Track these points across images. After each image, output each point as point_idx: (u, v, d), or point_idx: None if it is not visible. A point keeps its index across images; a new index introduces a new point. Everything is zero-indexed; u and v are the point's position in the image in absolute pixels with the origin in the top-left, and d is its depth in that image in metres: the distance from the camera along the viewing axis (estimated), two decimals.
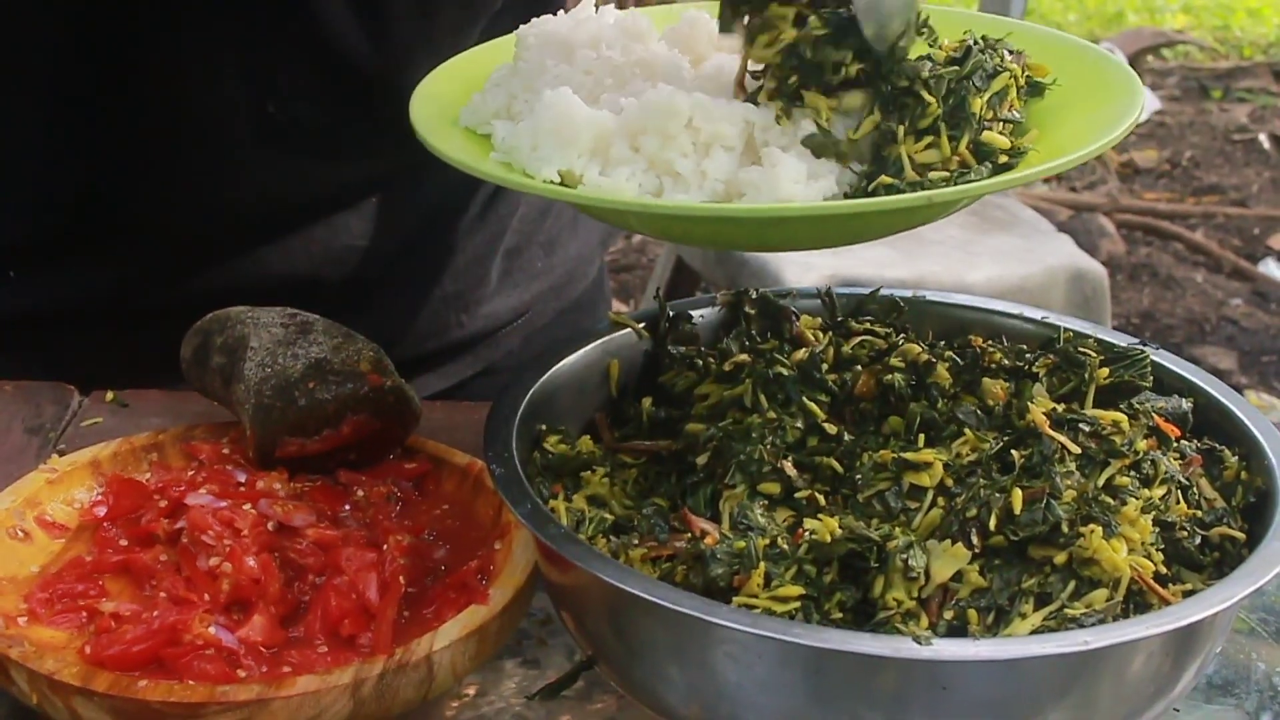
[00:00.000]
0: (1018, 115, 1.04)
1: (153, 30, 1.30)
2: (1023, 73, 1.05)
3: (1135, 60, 7.48)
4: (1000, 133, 1.01)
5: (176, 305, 1.26)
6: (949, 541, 0.92)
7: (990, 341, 1.11)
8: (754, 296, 1.17)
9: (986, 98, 1.02)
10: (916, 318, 1.18)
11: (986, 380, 1.04)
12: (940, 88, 1.00)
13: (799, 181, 0.97)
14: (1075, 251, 3.72)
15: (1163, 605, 0.91)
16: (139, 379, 1.36)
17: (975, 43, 1.03)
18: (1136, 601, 0.92)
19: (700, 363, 1.11)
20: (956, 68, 1.01)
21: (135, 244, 1.39)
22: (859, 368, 1.07)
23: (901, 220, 1.04)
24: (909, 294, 1.20)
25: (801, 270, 3.31)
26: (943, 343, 1.12)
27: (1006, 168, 1.00)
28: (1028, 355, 1.09)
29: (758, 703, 0.90)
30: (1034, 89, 1.07)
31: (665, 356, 1.15)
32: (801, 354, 1.08)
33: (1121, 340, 1.11)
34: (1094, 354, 1.07)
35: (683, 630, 0.90)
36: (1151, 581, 0.92)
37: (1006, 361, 1.07)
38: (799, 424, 1.02)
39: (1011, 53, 1.05)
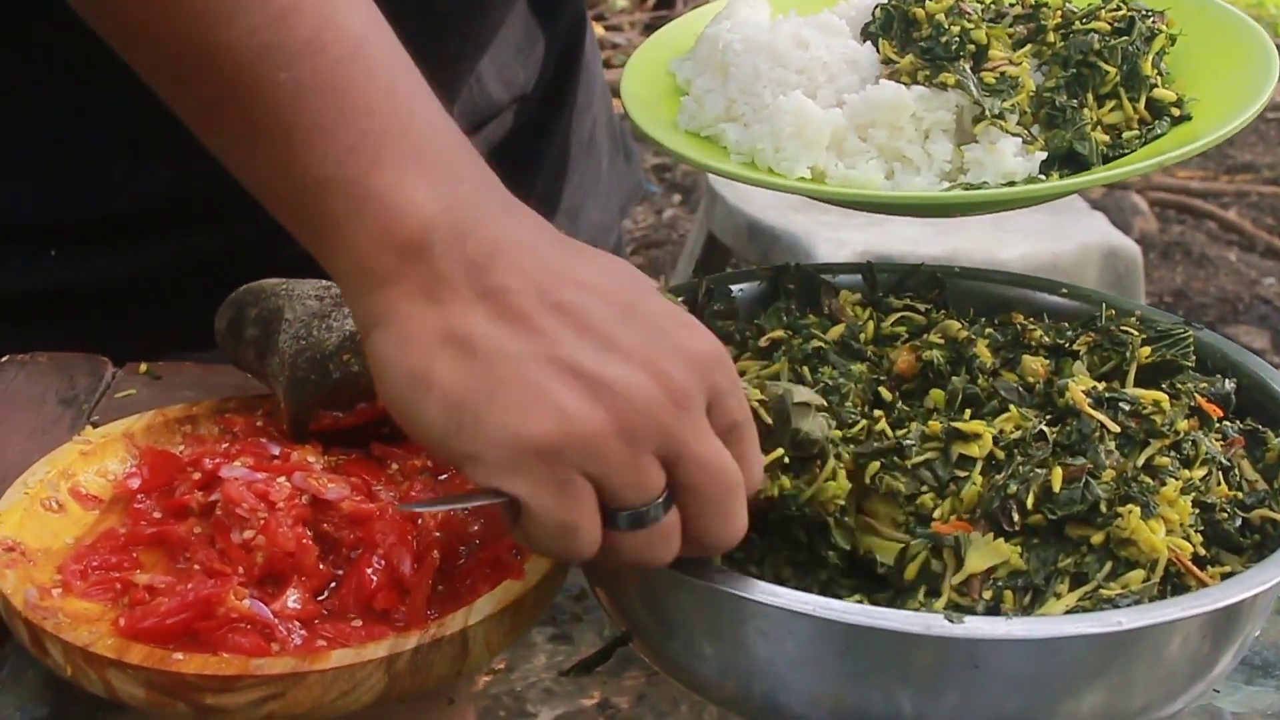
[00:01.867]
0: (1166, 70, 1.13)
1: None
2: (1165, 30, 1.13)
3: None
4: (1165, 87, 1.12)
5: (215, 283, 1.26)
6: (990, 535, 0.92)
7: (1030, 319, 1.11)
8: (794, 271, 1.16)
9: (1150, 58, 1.10)
10: (956, 295, 1.17)
11: (1026, 358, 1.04)
12: (1115, 57, 1.10)
13: (1018, 155, 1.06)
14: (1109, 229, 3.71)
15: (1200, 587, 0.91)
16: (173, 351, 1.36)
17: (1136, 12, 1.12)
18: (1174, 583, 0.92)
19: (739, 336, 1.11)
20: (1126, 37, 1.10)
21: (191, 230, 1.39)
22: (899, 344, 1.07)
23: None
24: (951, 269, 1.19)
25: (834, 246, 3.31)
26: (983, 320, 1.11)
27: (1181, 120, 1.10)
28: (1069, 333, 1.08)
29: (790, 679, 0.90)
30: (1171, 42, 1.15)
31: None
32: (839, 329, 1.07)
33: (1164, 319, 1.10)
34: (1136, 332, 1.06)
35: (715, 606, 0.90)
36: (1189, 563, 0.92)
37: (1047, 339, 1.07)
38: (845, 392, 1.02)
39: (1152, 13, 1.13)
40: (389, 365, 0.89)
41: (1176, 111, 1.10)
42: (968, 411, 1.00)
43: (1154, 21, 1.12)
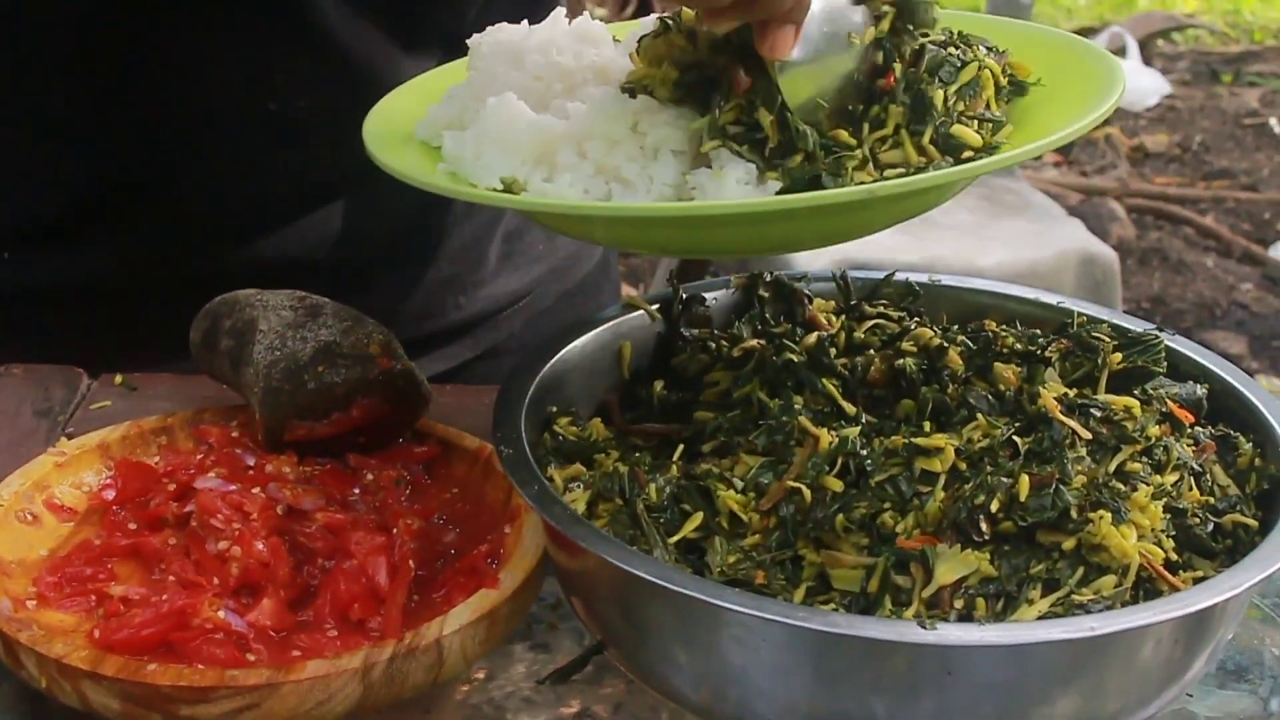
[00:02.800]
0: (998, 115, 1.03)
1: (153, 28, 1.30)
2: (1004, 71, 1.04)
3: (1145, 44, 7.47)
4: (978, 130, 1.00)
5: (175, 286, 1.26)
6: (958, 546, 0.92)
7: (1003, 326, 1.11)
8: (768, 279, 1.16)
9: (955, 89, 1.01)
10: (931, 302, 1.17)
11: (998, 365, 1.04)
12: (897, 89, 0.99)
13: (748, 183, 0.96)
14: (1086, 236, 3.72)
15: (1172, 592, 0.91)
16: (147, 362, 1.36)
17: (931, 38, 1.02)
18: (1147, 588, 0.92)
19: (713, 345, 1.11)
20: (914, 68, 1.01)
21: (134, 227, 1.39)
22: (871, 352, 1.07)
23: (848, 219, 1.01)
24: (924, 278, 1.20)
25: (811, 255, 3.31)
26: (955, 327, 1.12)
27: (974, 159, 0.99)
28: (1040, 340, 1.08)
29: (764, 687, 0.90)
30: (1018, 88, 1.05)
31: (678, 339, 1.15)
32: (812, 339, 1.07)
33: (1136, 325, 1.10)
34: (1107, 339, 1.07)
35: (690, 614, 0.90)
36: (1160, 568, 0.92)
37: (1019, 346, 1.07)
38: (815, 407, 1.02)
39: (990, 50, 1.04)
40: None
41: (969, 154, 0.99)
42: (928, 425, 1.00)
43: (993, 58, 1.03)
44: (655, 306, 1.17)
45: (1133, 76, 6.88)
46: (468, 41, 1.10)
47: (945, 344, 1.06)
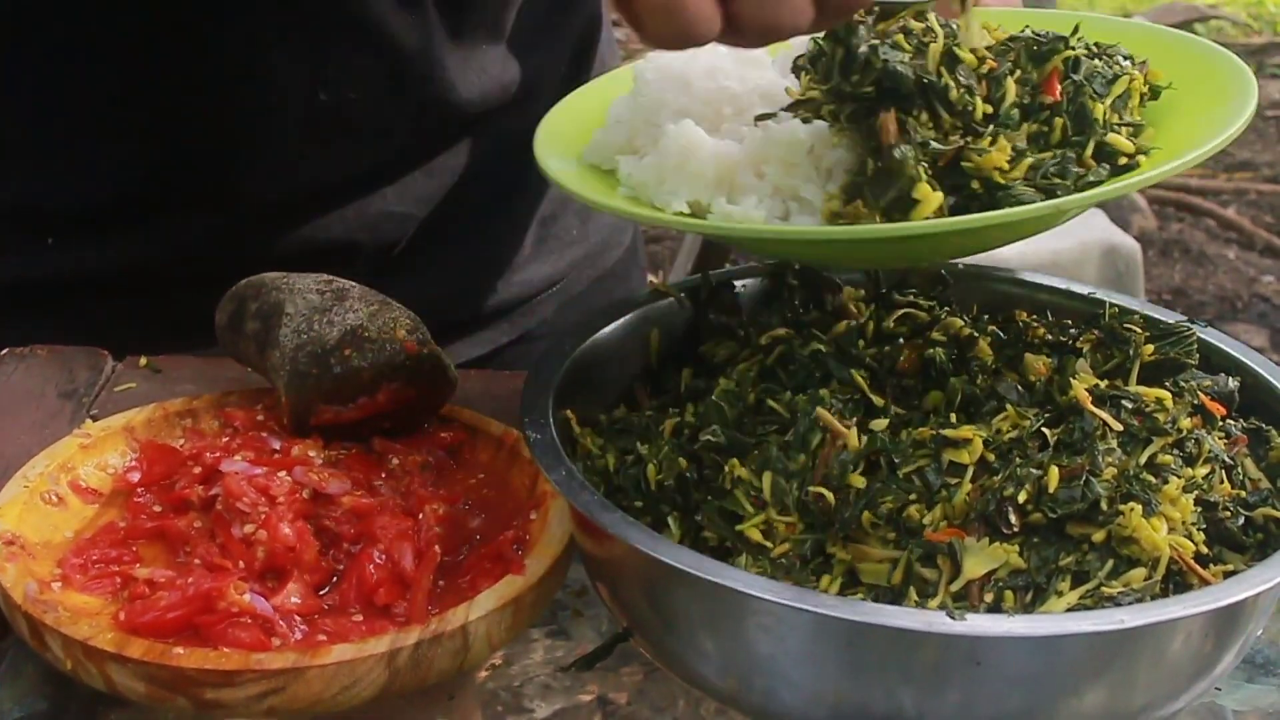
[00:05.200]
0: (1140, 120, 1.04)
1: (207, 18, 1.32)
2: (1144, 80, 1.06)
3: None
4: (1126, 137, 1.01)
5: (210, 273, 1.26)
6: (986, 539, 0.92)
7: (1034, 317, 1.10)
8: (797, 267, 1.16)
9: (1110, 102, 1.02)
10: (960, 292, 1.17)
11: (1029, 356, 1.03)
12: (1065, 104, 1.01)
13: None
14: (1108, 226, 3.70)
15: (1202, 585, 0.91)
16: (173, 344, 1.36)
17: (1102, 56, 1.05)
18: (1176, 582, 0.92)
19: (741, 333, 1.11)
20: (1072, 77, 1.02)
21: (179, 216, 1.40)
22: (900, 341, 1.06)
23: (1026, 229, 1.04)
24: (954, 267, 1.19)
25: None
26: (986, 317, 1.11)
27: (1127, 168, 1.00)
28: (1071, 330, 1.08)
29: (791, 676, 0.90)
30: (1153, 93, 1.07)
31: (706, 326, 1.15)
32: (841, 328, 1.07)
33: (1168, 317, 1.10)
34: (1139, 330, 1.06)
35: (717, 601, 0.90)
36: (1191, 561, 0.92)
37: (1050, 337, 1.07)
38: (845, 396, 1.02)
39: (1129, 59, 1.06)
40: None
41: (1124, 160, 1.01)
42: (953, 416, 0.99)
43: (1135, 68, 1.05)
44: (683, 293, 1.17)
45: None
46: (633, 67, 1.11)
47: (975, 334, 1.05)
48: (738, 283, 1.18)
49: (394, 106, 1.40)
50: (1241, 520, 0.96)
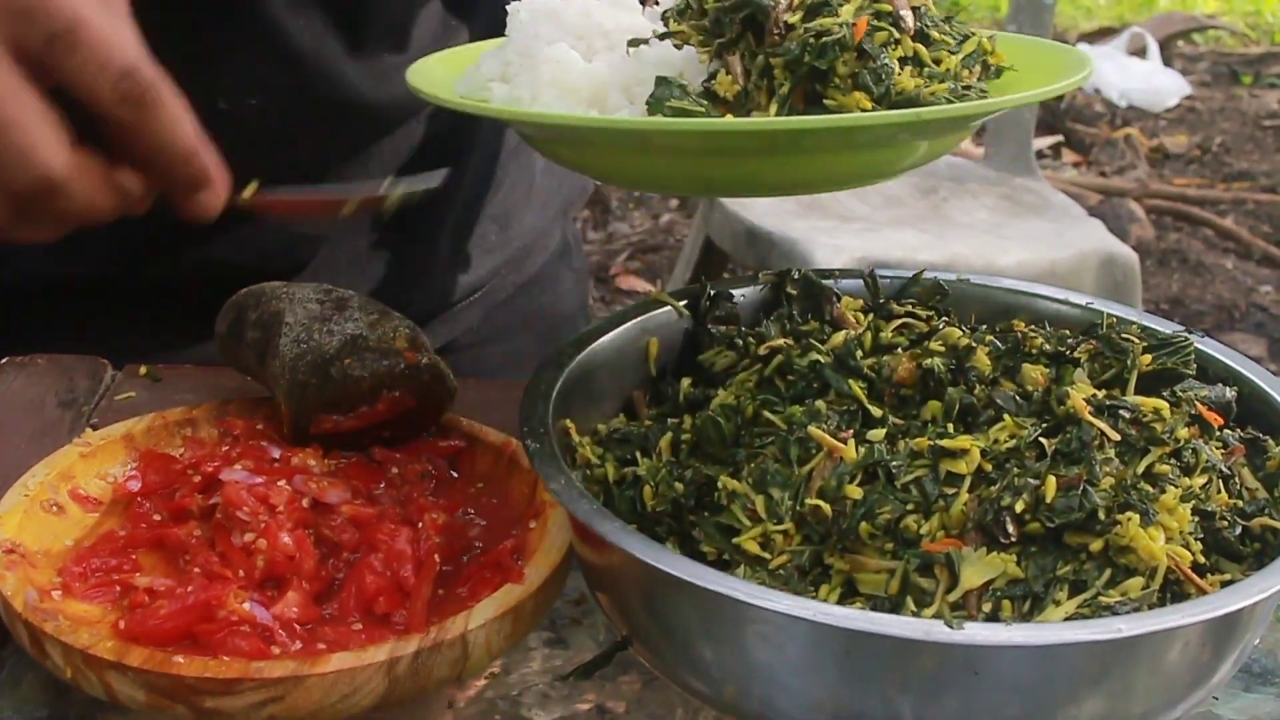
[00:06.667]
0: (984, 87, 1.09)
1: None
2: (990, 49, 1.11)
3: (1166, 45, 7.45)
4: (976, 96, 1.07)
5: (206, 281, 1.26)
6: (984, 549, 0.92)
7: (1032, 326, 1.11)
8: (796, 276, 1.16)
9: (961, 59, 1.08)
10: (958, 302, 1.17)
11: (1026, 365, 1.04)
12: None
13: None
14: (1106, 236, 3.70)
15: (1200, 595, 0.91)
16: (172, 354, 1.36)
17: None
18: (1174, 591, 0.92)
19: (740, 342, 1.11)
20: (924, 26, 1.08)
21: (122, 224, 1.39)
22: (899, 351, 1.06)
23: (879, 157, 1.07)
24: (952, 277, 1.19)
25: (831, 253, 3.30)
26: (984, 327, 1.11)
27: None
28: (1069, 340, 1.08)
29: (789, 684, 0.90)
30: (996, 73, 1.12)
31: (705, 335, 1.15)
32: (839, 338, 1.07)
33: (1165, 326, 1.10)
34: (1137, 340, 1.06)
35: (715, 610, 0.90)
36: (1189, 571, 0.92)
37: (1048, 347, 1.07)
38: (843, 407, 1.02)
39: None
40: None
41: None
42: (950, 425, 1.00)
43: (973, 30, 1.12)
44: (682, 303, 1.17)
45: (1153, 77, 6.87)
46: (507, 7, 1.14)
47: (973, 344, 1.06)
48: (736, 292, 1.18)
49: (298, 115, 1.39)
50: (1239, 530, 0.97)
